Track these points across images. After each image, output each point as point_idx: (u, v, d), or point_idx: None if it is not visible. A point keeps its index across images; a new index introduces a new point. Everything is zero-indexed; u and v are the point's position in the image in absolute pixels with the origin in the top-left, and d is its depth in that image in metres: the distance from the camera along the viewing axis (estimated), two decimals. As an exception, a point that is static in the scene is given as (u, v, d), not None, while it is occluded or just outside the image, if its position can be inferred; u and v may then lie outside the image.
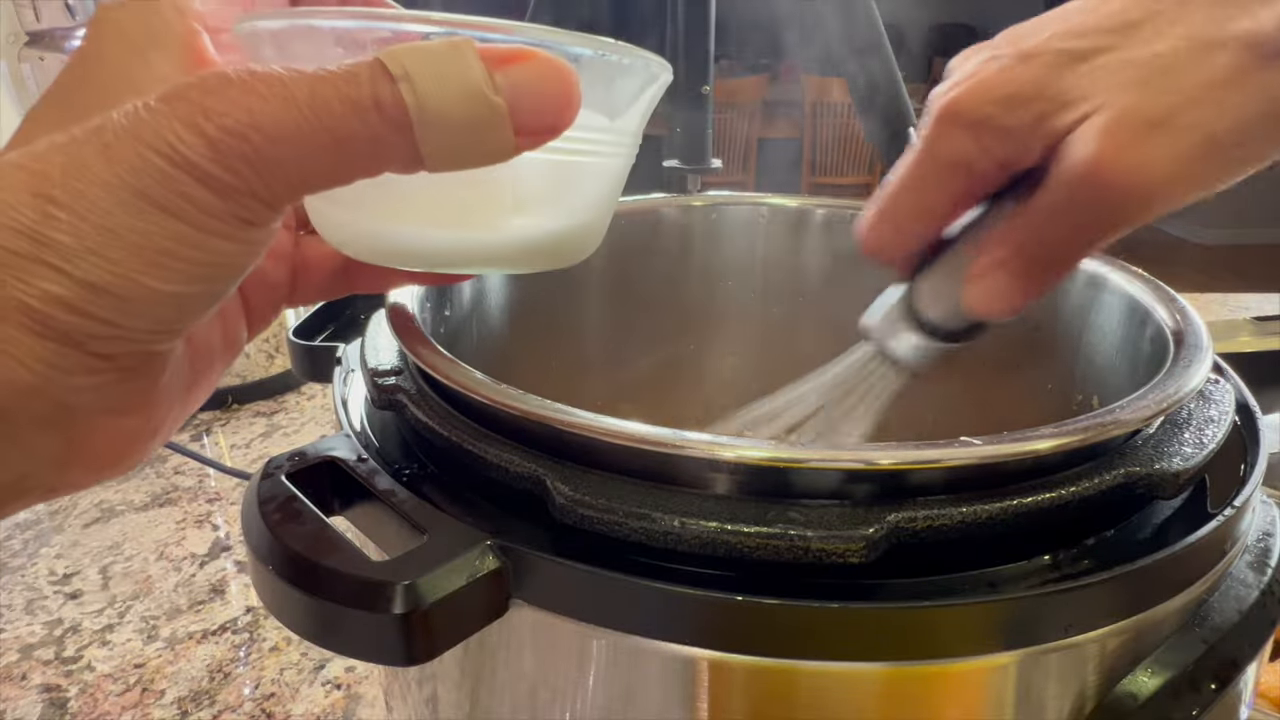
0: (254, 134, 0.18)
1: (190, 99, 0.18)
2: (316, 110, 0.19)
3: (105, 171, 0.18)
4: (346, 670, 0.56)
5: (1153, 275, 0.37)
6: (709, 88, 0.93)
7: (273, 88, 0.18)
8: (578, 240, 0.28)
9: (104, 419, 0.21)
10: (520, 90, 0.20)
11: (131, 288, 0.19)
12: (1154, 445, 0.27)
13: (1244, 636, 0.25)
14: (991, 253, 0.26)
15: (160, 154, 0.18)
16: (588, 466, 0.26)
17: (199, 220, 0.19)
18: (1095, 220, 0.24)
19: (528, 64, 0.20)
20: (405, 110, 0.19)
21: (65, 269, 0.18)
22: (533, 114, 0.21)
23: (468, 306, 0.42)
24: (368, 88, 0.19)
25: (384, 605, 0.23)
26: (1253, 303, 1.10)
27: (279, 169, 0.19)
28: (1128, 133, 0.23)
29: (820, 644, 0.23)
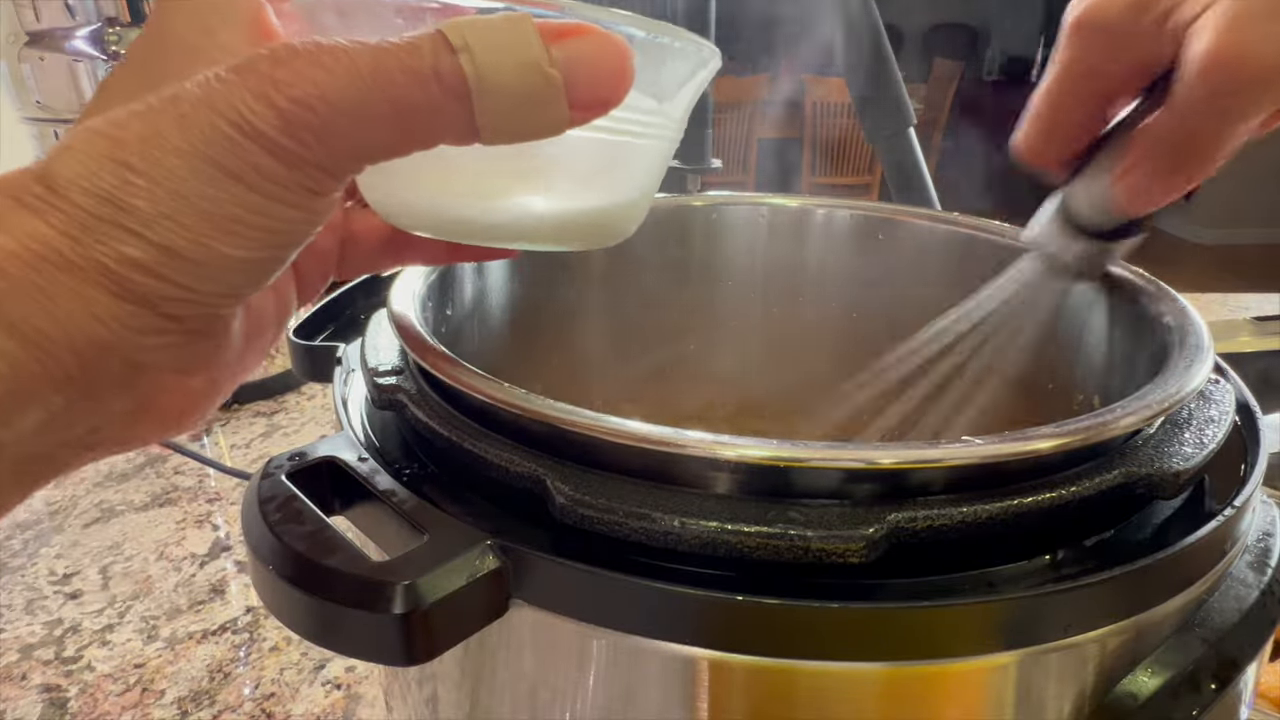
0: (320, 105, 0.19)
1: (260, 71, 0.19)
2: (379, 81, 0.19)
3: (180, 140, 0.19)
4: (346, 670, 0.56)
5: (1153, 275, 0.37)
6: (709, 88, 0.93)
7: (338, 59, 0.19)
8: (620, 219, 0.28)
9: (170, 378, 0.21)
10: (576, 64, 0.21)
11: (203, 252, 0.19)
12: (1154, 445, 0.27)
13: (1244, 636, 0.25)
14: (1134, 151, 0.28)
15: (232, 124, 0.19)
16: (588, 466, 0.26)
17: (267, 189, 0.19)
18: (1223, 108, 0.26)
19: (584, 39, 0.21)
20: (464, 80, 0.20)
21: (143, 233, 0.19)
22: (587, 88, 0.21)
23: (469, 306, 0.42)
24: (429, 59, 0.20)
25: (384, 605, 0.23)
26: (1253, 303, 1.10)
27: (343, 139, 0.20)
28: (1242, 19, 0.24)
29: (820, 644, 0.23)
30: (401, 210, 0.27)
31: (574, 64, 0.21)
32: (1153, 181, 0.28)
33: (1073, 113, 0.29)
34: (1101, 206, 0.30)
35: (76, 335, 0.19)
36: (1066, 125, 0.30)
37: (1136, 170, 0.28)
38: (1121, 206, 0.29)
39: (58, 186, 0.19)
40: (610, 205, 0.27)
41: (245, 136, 0.19)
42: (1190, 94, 0.25)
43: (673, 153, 0.28)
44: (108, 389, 0.20)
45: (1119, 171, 0.29)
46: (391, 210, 0.27)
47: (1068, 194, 0.31)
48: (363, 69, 0.19)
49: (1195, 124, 0.26)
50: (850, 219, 0.48)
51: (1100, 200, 0.30)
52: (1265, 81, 0.24)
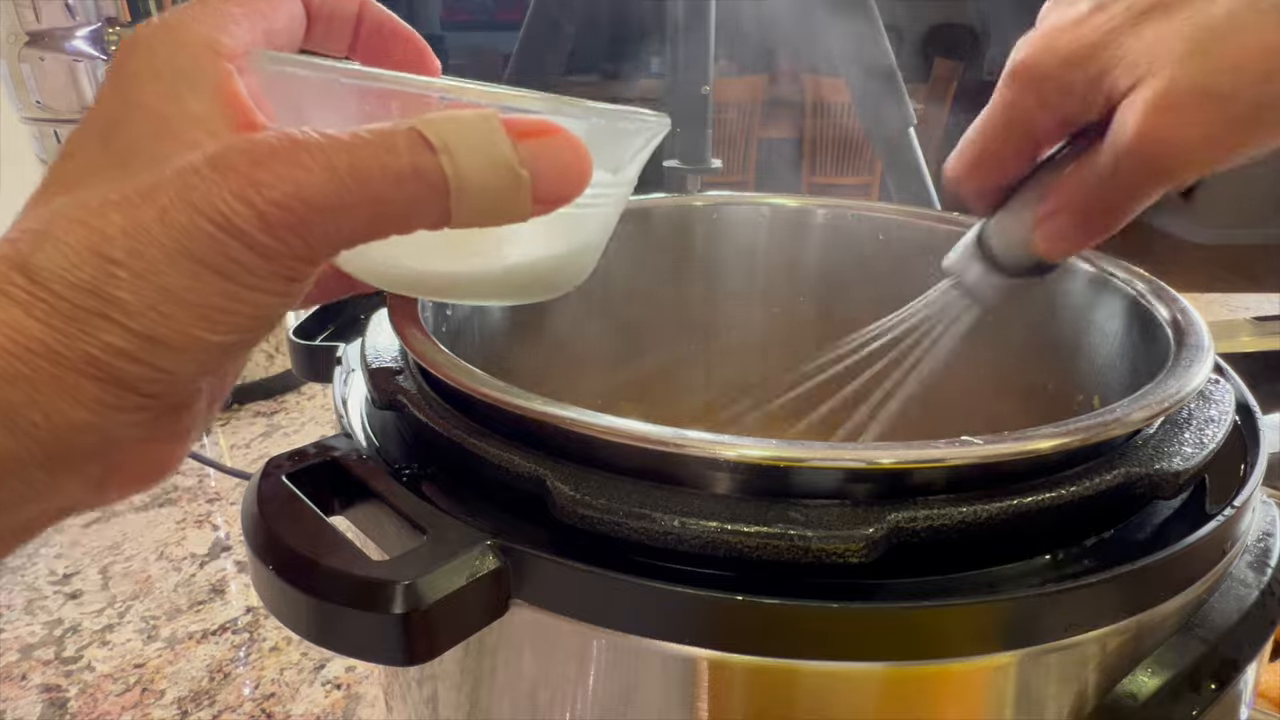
0: (300, 206, 0.20)
1: (239, 170, 0.20)
2: (358, 180, 0.20)
3: (163, 235, 0.19)
4: (346, 670, 0.56)
5: (1153, 275, 0.37)
6: (709, 88, 0.93)
7: (315, 158, 0.20)
8: (571, 273, 0.30)
9: (141, 446, 0.22)
10: (541, 163, 0.22)
11: (185, 340, 0.20)
12: (1154, 445, 0.27)
13: (1244, 636, 0.25)
14: (1055, 199, 0.29)
15: (213, 223, 0.19)
16: (588, 466, 0.26)
17: (247, 280, 0.20)
18: (1142, 181, 0.27)
19: (549, 140, 0.22)
20: (445, 180, 0.21)
21: (126, 324, 0.19)
22: (551, 185, 0.23)
23: (469, 306, 0.42)
24: (407, 157, 0.21)
25: (384, 605, 0.23)
26: (1253, 303, 1.10)
27: (321, 233, 0.20)
28: (1173, 103, 0.24)
29: (820, 644, 0.23)
30: (361, 270, 0.28)
31: (539, 163, 0.22)
32: (1070, 231, 0.29)
33: (1001, 150, 0.30)
34: (1018, 246, 0.31)
35: (58, 418, 0.20)
36: (993, 161, 0.31)
37: (1056, 218, 0.29)
38: (1039, 250, 0.30)
39: (40, 278, 0.19)
40: (561, 263, 0.29)
41: (227, 235, 0.19)
42: (1116, 165, 0.26)
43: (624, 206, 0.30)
44: (82, 463, 0.21)
45: (1039, 216, 0.30)
46: (351, 268, 0.28)
47: (987, 228, 0.32)
48: (340, 168, 0.20)
49: (1117, 189, 0.27)
50: (850, 219, 0.48)
51: (1017, 240, 0.31)
52: (1188, 163, 0.25)
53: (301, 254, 0.20)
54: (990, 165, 0.31)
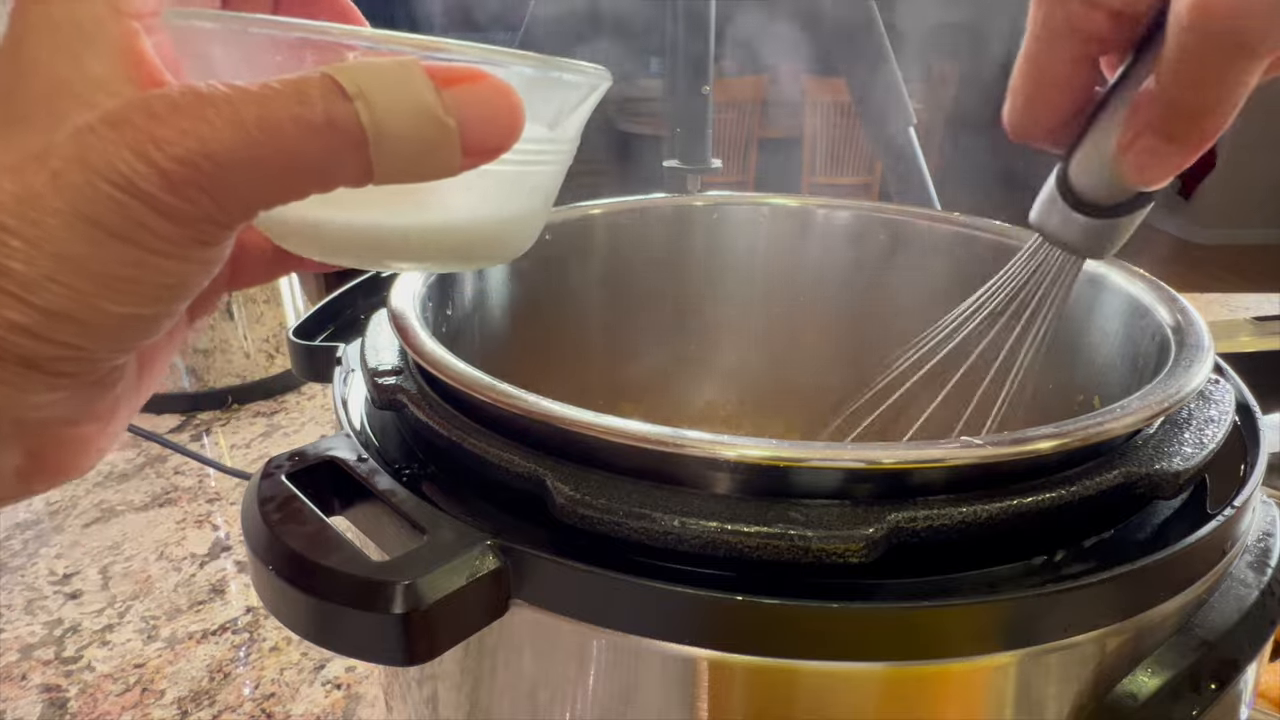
0: (206, 162, 0.18)
1: (137, 125, 0.18)
2: (268, 132, 0.19)
3: (57, 200, 0.18)
4: (346, 670, 0.56)
5: (1152, 275, 0.37)
6: (709, 88, 0.93)
7: (220, 111, 0.18)
8: (512, 238, 0.28)
9: (63, 430, 0.21)
10: (468, 111, 0.20)
11: (90, 313, 0.19)
12: (1154, 445, 0.27)
13: (1244, 636, 0.25)
14: (1136, 118, 0.26)
15: (112, 183, 0.18)
16: (588, 466, 0.26)
17: (155, 245, 0.19)
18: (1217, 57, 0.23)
19: (476, 86, 0.21)
20: (361, 129, 0.19)
21: (24, 297, 0.18)
22: (480, 135, 0.21)
23: (469, 306, 0.42)
24: (320, 105, 0.19)
25: (384, 605, 0.23)
26: (1253, 303, 1.10)
27: (232, 192, 0.19)
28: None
29: (820, 644, 0.23)
30: (290, 236, 0.26)
31: (466, 110, 0.20)
32: (1161, 150, 0.25)
33: (1055, 76, 0.27)
34: (1106, 180, 0.28)
35: None
36: (1050, 91, 0.27)
37: (1141, 140, 0.26)
38: (1130, 180, 0.27)
39: None
40: (502, 228, 0.27)
41: (127, 195, 0.18)
42: (1183, 43, 0.23)
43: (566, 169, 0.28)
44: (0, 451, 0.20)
45: (1122, 142, 0.26)
46: (280, 235, 0.27)
47: (1065, 169, 0.29)
48: (248, 121, 0.18)
49: (1194, 76, 0.24)
50: (850, 219, 0.48)
51: (1103, 174, 0.28)
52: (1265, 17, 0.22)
53: (212, 215, 0.19)
54: (1051, 94, 0.27)
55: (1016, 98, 0.28)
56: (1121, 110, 0.26)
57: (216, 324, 0.88)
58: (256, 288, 0.89)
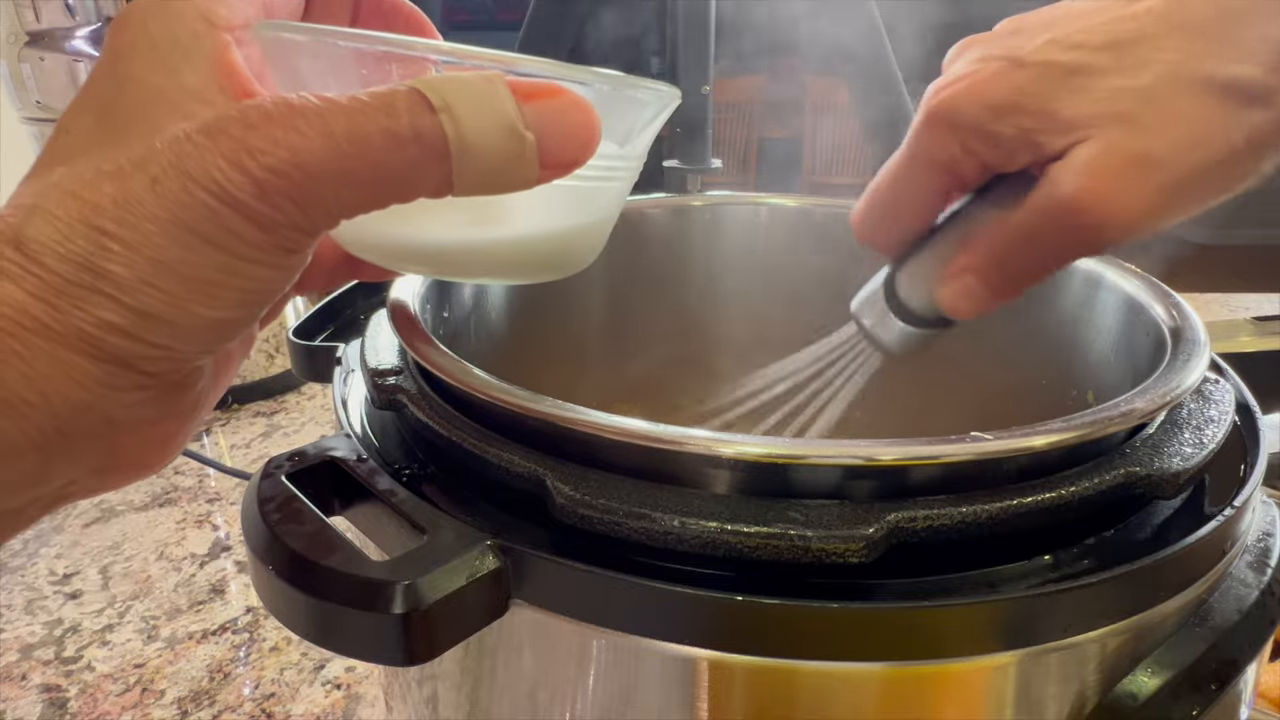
0: (296, 172, 0.19)
1: (233, 135, 0.19)
2: (356, 144, 0.19)
3: (155, 206, 0.19)
4: (346, 670, 0.56)
5: (1152, 275, 0.37)
6: (709, 88, 0.93)
7: (311, 123, 0.19)
8: (578, 252, 0.29)
9: (146, 427, 0.21)
10: (547, 126, 0.21)
11: (182, 315, 0.19)
12: (1154, 445, 0.27)
13: (1244, 636, 0.25)
14: (966, 257, 0.28)
15: (207, 191, 0.19)
16: (588, 466, 0.26)
17: (244, 252, 0.19)
18: (1068, 245, 0.26)
19: (555, 100, 0.21)
20: (446, 141, 0.20)
21: (120, 298, 0.19)
22: (557, 149, 0.22)
23: (468, 307, 0.42)
24: (406, 118, 0.20)
25: (384, 605, 0.23)
26: (1253, 303, 1.10)
27: (319, 201, 0.20)
28: (1112, 168, 0.24)
29: (820, 644, 0.23)
30: (364, 247, 0.27)
31: (545, 125, 0.21)
32: (977, 292, 0.28)
33: (913, 200, 0.29)
34: (925, 298, 0.30)
35: (55, 398, 0.19)
36: (904, 211, 0.30)
37: (966, 277, 0.28)
38: (945, 307, 0.29)
39: (31, 252, 0.19)
40: (568, 240, 0.28)
41: (221, 204, 0.19)
42: (1042, 225, 0.26)
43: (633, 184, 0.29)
44: (82, 445, 0.20)
45: (950, 271, 0.28)
46: (354, 245, 0.27)
47: (894, 277, 0.31)
48: (338, 132, 0.19)
49: (1038, 250, 0.26)
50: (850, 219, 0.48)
51: (924, 293, 0.30)
52: (1123, 232, 0.25)
53: (299, 223, 0.20)
54: (903, 212, 0.30)
55: (872, 210, 0.30)
56: (953, 243, 0.29)
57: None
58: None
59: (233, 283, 0.20)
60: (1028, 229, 0.26)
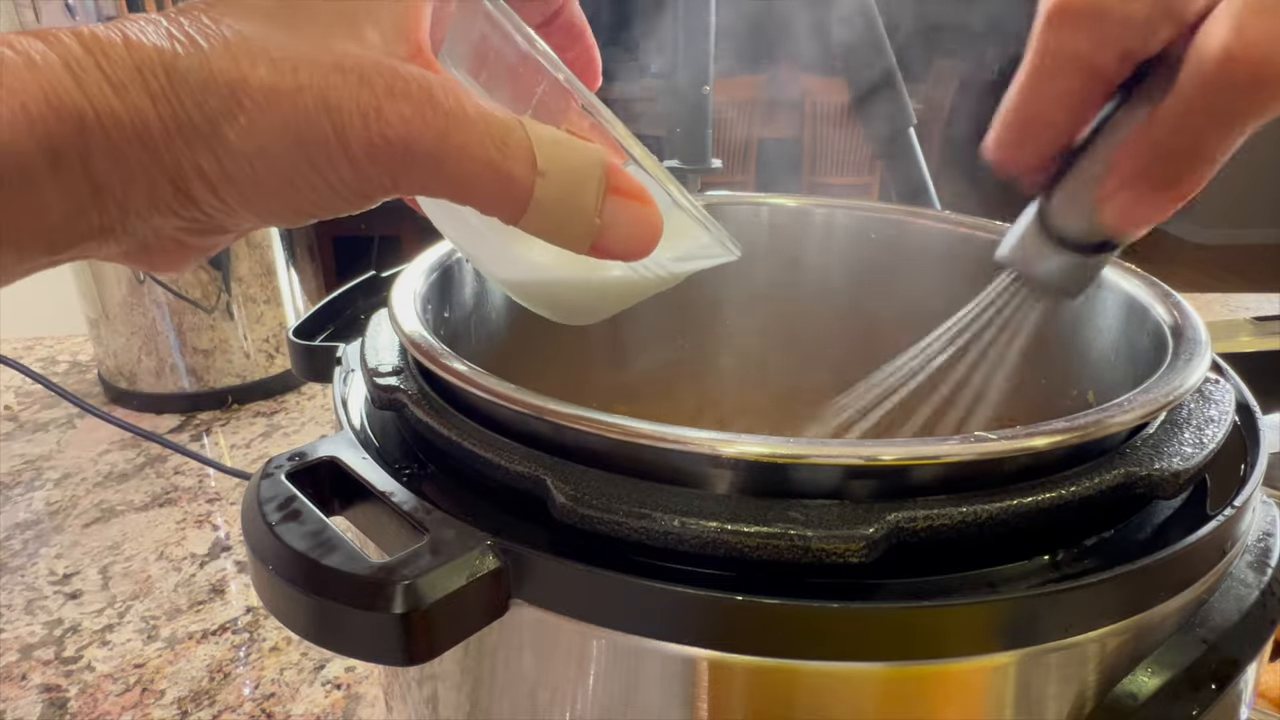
0: (404, 152, 0.22)
1: (377, 93, 0.21)
2: (462, 158, 0.22)
3: (289, 108, 0.21)
4: (346, 670, 0.56)
5: (1152, 275, 0.37)
6: (709, 88, 0.93)
7: (438, 121, 0.22)
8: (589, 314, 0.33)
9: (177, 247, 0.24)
10: (618, 220, 0.24)
11: (253, 197, 0.22)
12: (1154, 445, 0.27)
13: (1244, 636, 0.25)
14: (1124, 166, 0.25)
15: (332, 124, 0.21)
16: (588, 465, 0.26)
17: (331, 182, 0.22)
18: (1235, 107, 0.23)
19: (637, 206, 0.24)
20: (530, 196, 0.23)
21: (221, 159, 0.21)
22: (613, 242, 0.25)
23: (468, 307, 0.42)
24: (510, 163, 0.23)
25: (384, 605, 0.23)
26: (1253, 303, 1.10)
27: (408, 178, 0.22)
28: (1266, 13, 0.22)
29: (820, 644, 0.23)
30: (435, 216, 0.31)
31: (617, 219, 0.24)
32: (1147, 198, 0.25)
33: (1051, 114, 0.26)
34: (1087, 221, 0.27)
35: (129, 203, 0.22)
36: (1043, 126, 0.27)
37: (1129, 187, 0.25)
38: (1112, 226, 0.27)
39: (176, 82, 0.21)
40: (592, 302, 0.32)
41: (337, 141, 0.21)
42: (1202, 91, 0.23)
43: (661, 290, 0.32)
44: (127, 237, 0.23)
45: (1108, 188, 0.26)
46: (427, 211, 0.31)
47: (1047, 206, 0.28)
48: (453, 140, 0.22)
49: (1202, 125, 0.24)
50: (850, 219, 0.48)
51: (1085, 215, 0.27)
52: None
53: (386, 186, 0.22)
54: (1040, 132, 0.27)
55: (1005, 131, 0.27)
56: (1107, 152, 0.26)
57: (216, 324, 0.88)
58: (257, 288, 0.89)
59: (306, 198, 0.22)
60: (1185, 103, 0.23)
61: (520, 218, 0.24)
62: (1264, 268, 3.67)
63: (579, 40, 0.32)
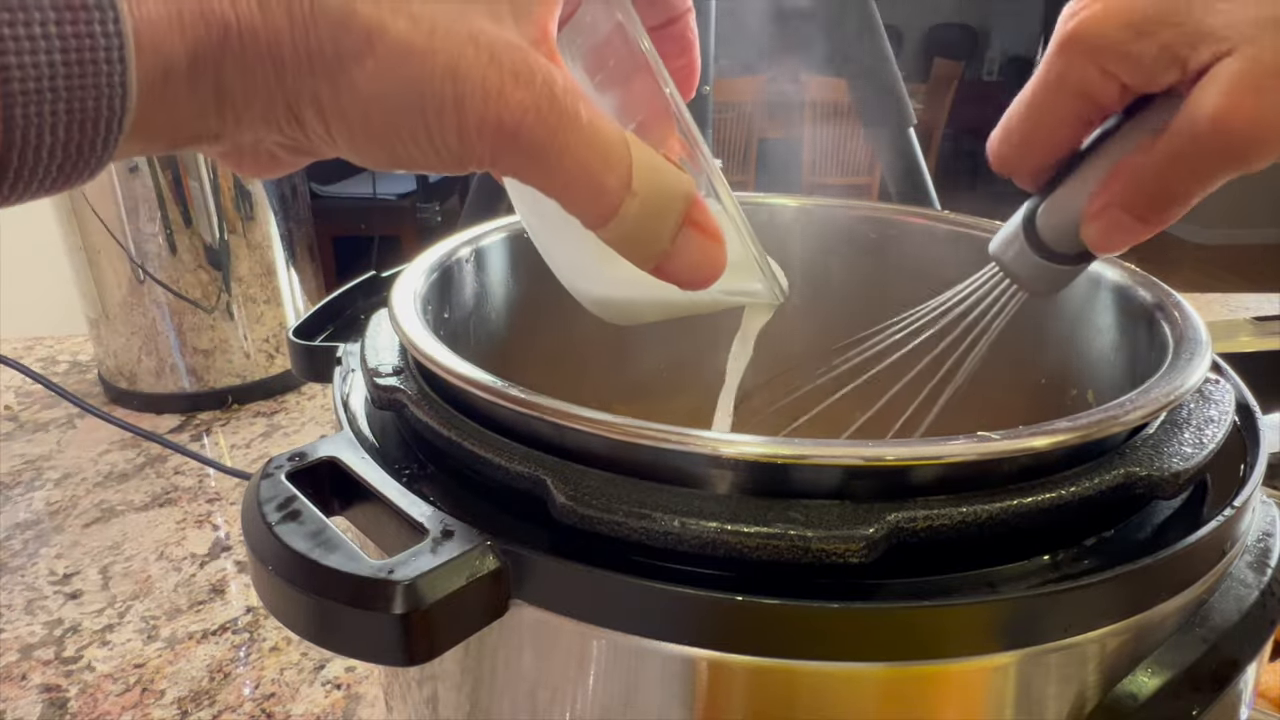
0: (511, 139, 0.22)
1: (503, 72, 0.22)
2: (564, 158, 0.23)
3: (416, 64, 0.21)
4: (346, 670, 0.56)
5: (1152, 274, 0.37)
6: (709, 88, 0.93)
7: (550, 119, 0.22)
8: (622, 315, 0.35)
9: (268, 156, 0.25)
10: (687, 250, 0.25)
11: (355, 142, 0.23)
12: (1154, 445, 0.27)
13: (1244, 636, 0.25)
14: (1109, 190, 0.27)
15: (453, 94, 0.22)
16: (588, 466, 0.26)
17: (436, 144, 0.23)
18: (1217, 166, 0.25)
19: (708, 243, 0.25)
20: (617, 210, 0.24)
21: (337, 95, 0.22)
22: (676, 269, 0.26)
23: (469, 307, 0.42)
24: (605, 177, 0.23)
25: (384, 605, 0.23)
26: (1253, 303, 1.10)
27: (511, 161, 0.23)
28: (1259, 83, 0.23)
29: (820, 644, 0.23)
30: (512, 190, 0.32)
31: (686, 249, 0.25)
32: (1125, 225, 0.27)
33: (1052, 129, 0.28)
34: (1069, 234, 0.29)
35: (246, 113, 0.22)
36: (1043, 140, 0.29)
37: (1110, 212, 0.27)
38: (1092, 243, 0.28)
39: (318, 11, 0.21)
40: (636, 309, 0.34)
41: (456, 109, 0.22)
42: (1192, 146, 0.25)
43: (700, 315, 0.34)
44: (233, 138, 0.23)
45: (1094, 207, 0.28)
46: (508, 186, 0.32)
47: (1034, 213, 0.30)
48: (561, 139, 0.23)
49: (1185, 175, 0.26)
50: (850, 219, 0.48)
51: (1068, 228, 0.29)
52: (1268, 145, 0.24)
53: (483, 161, 0.23)
54: (1040, 144, 0.29)
55: (1010, 135, 0.29)
56: (1097, 174, 0.28)
57: (216, 324, 0.88)
58: (257, 288, 0.89)
59: (409, 149, 0.23)
60: (1173, 152, 0.25)
61: (601, 227, 0.24)
62: (1264, 268, 3.67)
63: (687, 52, 0.33)
